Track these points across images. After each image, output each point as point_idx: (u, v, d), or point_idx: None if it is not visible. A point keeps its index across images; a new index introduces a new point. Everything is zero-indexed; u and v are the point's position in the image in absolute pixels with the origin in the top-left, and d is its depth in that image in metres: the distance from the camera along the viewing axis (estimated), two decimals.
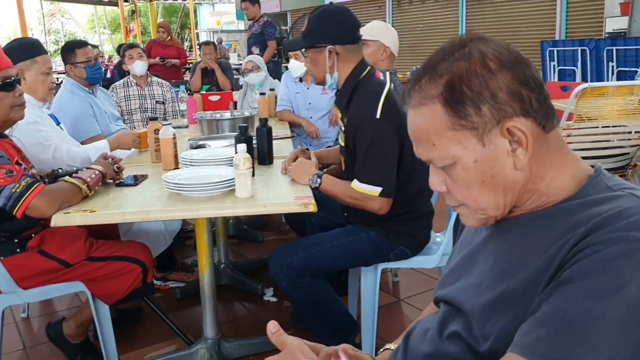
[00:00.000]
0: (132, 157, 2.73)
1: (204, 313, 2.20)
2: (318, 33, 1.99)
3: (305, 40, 2.03)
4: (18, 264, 1.92)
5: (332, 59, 1.98)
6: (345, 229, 2.11)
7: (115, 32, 29.47)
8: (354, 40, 2.02)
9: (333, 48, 1.97)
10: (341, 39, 1.98)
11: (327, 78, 2.02)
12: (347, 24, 2.02)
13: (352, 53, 2.01)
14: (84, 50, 3.31)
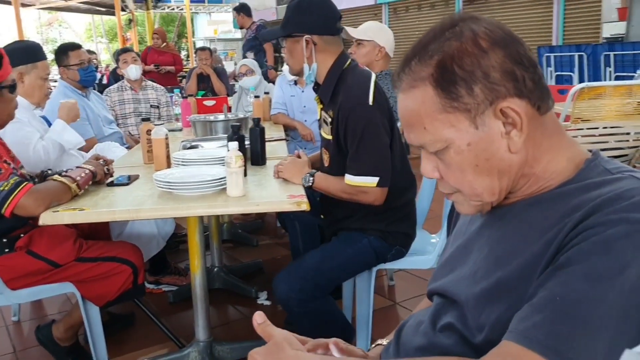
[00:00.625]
0: (124, 158, 2.70)
1: (196, 315, 2.17)
2: (295, 22, 1.95)
3: (282, 30, 1.99)
4: (6, 264, 1.89)
5: (309, 49, 1.93)
6: (345, 239, 2.03)
7: (112, 41, 29.50)
8: (332, 32, 1.96)
9: (310, 38, 1.92)
10: (318, 29, 1.93)
11: (305, 69, 1.97)
12: (325, 14, 1.96)
13: (330, 44, 1.96)
14: (77, 53, 3.30)
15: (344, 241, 2.03)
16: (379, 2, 10.76)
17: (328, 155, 2.06)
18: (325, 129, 2.05)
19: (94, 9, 22.95)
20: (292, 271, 1.94)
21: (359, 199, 1.89)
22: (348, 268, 2.02)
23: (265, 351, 0.80)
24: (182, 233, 3.73)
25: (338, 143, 1.95)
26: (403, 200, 2.03)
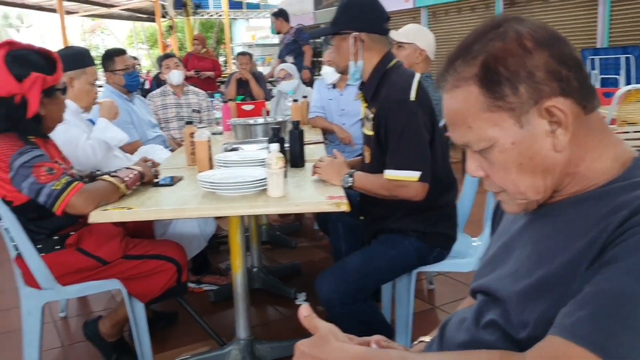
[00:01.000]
0: (168, 160, 2.77)
1: (237, 314, 2.21)
2: (344, 20, 2.00)
3: (331, 27, 2.04)
4: (57, 260, 1.96)
5: (356, 46, 1.98)
6: (386, 241, 2.04)
7: (152, 47, 30.16)
8: (380, 31, 2.01)
9: (358, 35, 1.97)
10: (367, 27, 1.98)
11: (351, 66, 2.01)
12: (374, 14, 2.01)
13: (377, 43, 2.00)
14: (122, 59, 3.40)
15: (385, 243, 2.04)
16: (418, 6, 10.69)
17: (369, 152, 2.08)
18: (367, 126, 2.08)
19: (135, 16, 23.52)
20: (335, 273, 1.95)
21: (399, 194, 1.89)
22: (390, 270, 2.03)
23: (311, 343, 0.81)
24: (222, 234, 3.80)
25: (379, 139, 1.97)
26: (443, 201, 2.03)
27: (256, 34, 21.49)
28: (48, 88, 1.91)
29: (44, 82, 1.87)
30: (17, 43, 1.94)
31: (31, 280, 1.99)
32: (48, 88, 1.91)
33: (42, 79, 1.86)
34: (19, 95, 1.84)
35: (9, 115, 1.85)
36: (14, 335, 2.57)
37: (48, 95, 1.93)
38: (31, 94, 1.85)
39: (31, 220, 1.91)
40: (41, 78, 1.86)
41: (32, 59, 1.89)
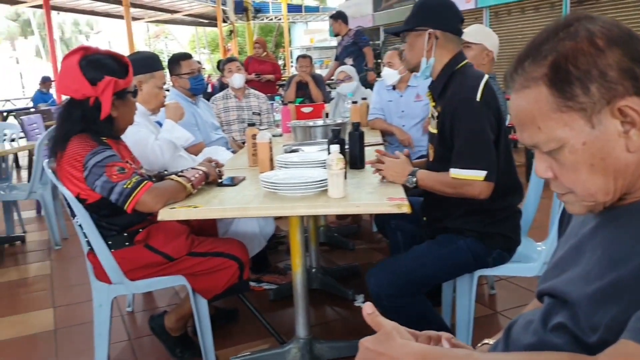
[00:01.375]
0: (231, 161, 2.84)
1: (297, 313, 2.24)
2: (420, 17, 2.04)
3: (405, 24, 2.08)
4: (126, 256, 2.05)
5: (430, 42, 2.01)
6: (440, 240, 2.04)
7: (214, 51, 30.90)
8: (454, 31, 2.03)
9: (433, 32, 2.00)
10: (442, 24, 2.01)
11: (422, 62, 2.04)
12: (450, 13, 2.05)
13: (451, 42, 2.02)
14: (188, 63, 3.51)
15: (438, 242, 2.04)
16: (480, 6, 10.49)
17: (433, 150, 2.10)
18: (432, 124, 2.09)
19: (197, 21, 24.17)
20: (385, 266, 2.00)
21: (464, 192, 1.89)
22: (440, 268, 2.01)
23: (375, 340, 0.82)
24: (281, 234, 3.85)
25: (443, 137, 1.98)
26: (505, 202, 2.01)
27: (315, 36, 21.66)
28: (120, 91, 2.01)
29: (116, 85, 1.96)
30: (91, 48, 2.04)
31: (102, 275, 2.09)
32: (120, 91, 2.01)
33: (115, 82, 1.95)
34: (93, 97, 1.94)
35: (83, 117, 1.95)
36: (86, 327, 2.70)
37: (120, 98, 2.02)
38: (104, 96, 1.94)
39: (103, 217, 2.01)
40: (113, 81, 1.95)
41: (106, 64, 1.99)
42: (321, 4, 27.64)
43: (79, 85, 1.93)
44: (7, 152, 4.29)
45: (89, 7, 18.67)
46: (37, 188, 4.00)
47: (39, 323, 2.83)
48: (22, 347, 2.60)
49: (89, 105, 1.95)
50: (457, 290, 2.14)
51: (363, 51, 6.51)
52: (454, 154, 1.91)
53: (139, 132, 2.61)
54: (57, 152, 1.94)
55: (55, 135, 1.98)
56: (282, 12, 23.23)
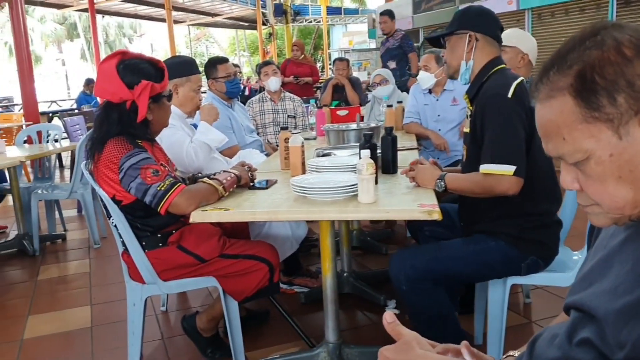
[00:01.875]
0: (264, 164, 2.86)
1: (326, 317, 2.24)
2: (461, 21, 2.09)
3: (447, 29, 2.13)
4: (160, 257, 2.09)
5: (470, 44, 2.05)
6: (471, 238, 2.04)
7: (253, 54, 31.24)
8: (494, 36, 2.06)
9: (473, 34, 2.04)
10: (482, 28, 2.05)
11: (462, 65, 2.07)
12: (490, 19, 2.09)
13: (489, 46, 2.05)
14: (224, 66, 3.55)
15: (468, 240, 2.05)
16: (522, 8, 10.30)
17: (466, 149, 2.11)
18: (466, 124, 2.11)
19: (237, 24, 24.51)
20: (411, 250, 2.07)
21: (492, 189, 1.88)
22: (467, 264, 1.99)
23: (395, 349, 0.82)
24: (313, 237, 3.86)
25: (475, 135, 1.99)
26: (542, 208, 1.98)
27: (354, 39, 21.65)
28: (155, 95, 2.05)
29: (152, 89, 2.01)
30: (129, 52, 2.09)
31: (136, 275, 2.13)
32: (155, 95, 2.05)
33: (151, 86, 2.00)
34: (130, 101, 1.99)
35: (120, 120, 2.00)
36: (122, 324, 2.75)
37: (155, 102, 2.07)
38: (140, 100, 1.99)
39: (137, 218, 2.06)
40: (150, 85, 1.99)
41: (143, 68, 2.03)
42: (361, 6, 27.60)
43: (117, 88, 1.98)
44: (50, 152, 4.43)
45: (132, 10, 19.15)
46: (78, 188, 4.11)
47: (76, 320, 2.91)
48: (59, 343, 2.68)
49: (125, 109, 2.00)
50: (489, 298, 2.10)
51: (408, 56, 6.44)
52: (484, 148, 1.91)
53: (174, 134, 2.66)
54: (95, 154, 1.99)
55: (93, 137, 2.03)
56: (321, 15, 23.33)
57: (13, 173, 4.08)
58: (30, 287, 3.45)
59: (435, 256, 1.99)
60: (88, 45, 30.35)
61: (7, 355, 2.56)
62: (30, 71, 8.51)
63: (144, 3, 17.46)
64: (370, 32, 17.53)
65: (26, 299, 3.24)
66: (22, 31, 8.44)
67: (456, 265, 1.99)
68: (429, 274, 1.95)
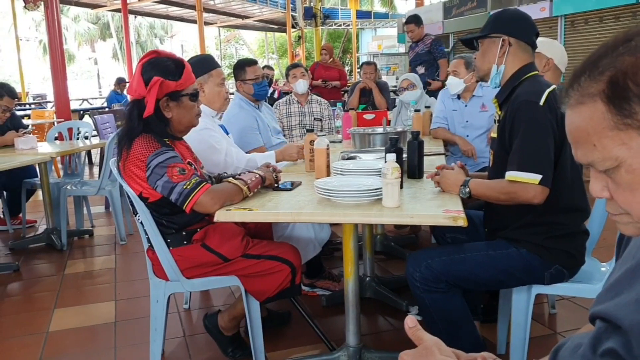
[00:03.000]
0: (289, 166, 2.87)
1: (347, 320, 2.23)
2: (495, 25, 2.07)
3: (480, 32, 2.11)
4: (184, 254, 2.11)
5: (503, 49, 2.02)
6: (492, 242, 2.02)
7: (282, 56, 31.39)
8: (529, 41, 2.03)
9: (507, 38, 2.01)
10: (517, 32, 2.03)
11: (493, 70, 2.05)
12: (525, 23, 2.06)
13: (523, 51, 2.02)
14: (253, 69, 3.57)
15: (489, 244, 2.03)
16: (555, 15, 10.15)
17: (493, 154, 2.09)
18: (494, 129, 2.10)
19: (267, 27, 24.67)
20: (427, 250, 2.07)
21: (517, 196, 1.85)
22: (485, 269, 1.96)
23: (415, 354, 0.81)
24: (336, 241, 3.85)
25: (502, 140, 1.97)
26: (569, 217, 1.94)
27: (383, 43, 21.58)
28: (172, 92, 2.04)
29: (162, 86, 1.99)
30: (162, 52, 2.11)
31: (160, 272, 2.16)
32: (172, 92, 2.04)
33: (161, 82, 1.98)
34: (146, 98, 2.00)
35: (139, 116, 2.01)
36: (145, 320, 2.79)
37: (174, 100, 2.06)
38: (149, 96, 1.98)
39: (163, 216, 2.08)
40: (159, 82, 1.98)
41: (162, 65, 2.04)
42: (390, 11, 27.53)
43: (137, 84, 2.01)
44: (80, 149, 4.52)
45: (164, 11, 19.45)
46: (106, 185, 4.18)
47: (101, 314, 2.96)
48: (84, 336, 2.72)
49: (144, 105, 2.01)
50: (512, 307, 2.07)
51: (438, 62, 6.33)
52: (511, 155, 1.88)
53: (212, 136, 2.69)
54: (123, 151, 2.02)
55: (121, 134, 2.06)
56: (351, 19, 23.34)
57: (44, 168, 4.17)
58: (57, 280, 3.52)
59: (452, 257, 1.97)
60: (120, 45, 30.89)
61: (33, 347, 2.61)
62: (64, 69, 8.69)
63: (176, 4, 17.71)
64: (399, 37, 17.46)
65: (53, 292, 3.30)
66: (56, 30, 8.62)
67: (473, 268, 1.97)
68: (444, 275, 1.94)
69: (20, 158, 3.80)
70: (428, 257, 1.99)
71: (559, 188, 1.86)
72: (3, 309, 3.10)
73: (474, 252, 1.99)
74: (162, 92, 2.01)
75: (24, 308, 3.12)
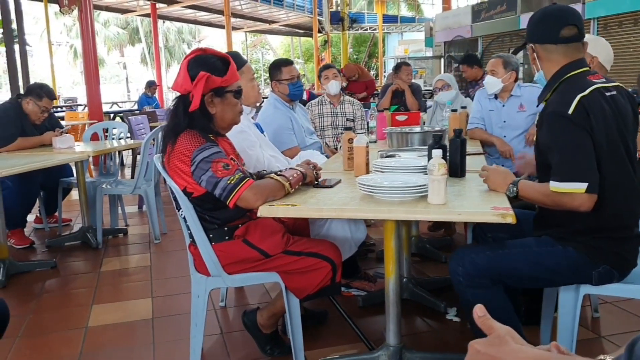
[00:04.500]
0: (326, 165, 2.86)
1: (388, 319, 2.20)
2: (527, 32, 2.06)
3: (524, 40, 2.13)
4: (226, 250, 2.11)
5: (533, 56, 2.03)
6: (538, 239, 1.98)
7: (308, 61, 31.49)
8: (553, 40, 1.95)
9: (532, 46, 2.02)
10: (538, 38, 2.00)
11: (536, 75, 2.04)
12: (549, 24, 1.97)
13: (552, 53, 1.96)
14: (289, 69, 3.58)
15: (535, 240, 1.99)
16: (588, 17, 10.00)
17: (536, 156, 2.06)
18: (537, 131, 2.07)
19: (293, 32, 24.79)
20: (472, 246, 2.06)
21: (563, 204, 1.81)
22: (529, 266, 1.93)
23: (487, 343, 0.79)
24: (371, 242, 3.83)
25: (539, 145, 1.96)
26: (621, 220, 1.88)
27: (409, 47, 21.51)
28: (217, 88, 2.06)
29: (208, 81, 2.01)
30: (208, 49, 2.13)
31: (201, 267, 2.16)
32: (217, 88, 2.06)
33: (207, 77, 2.00)
34: (192, 92, 2.01)
35: (185, 112, 2.03)
36: (182, 317, 2.81)
37: (218, 95, 2.07)
38: (195, 90, 2.00)
39: (206, 211, 2.08)
40: (206, 76, 2.00)
41: (208, 61, 2.06)
42: (417, 15, 27.42)
43: (183, 80, 2.02)
44: (116, 148, 4.58)
45: (192, 16, 19.68)
46: (142, 184, 4.22)
47: (138, 311, 2.98)
48: (122, 332, 2.74)
49: (189, 101, 2.03)
50: (559, 307, 2.02)
51: None
52: (553, 167, 1.84)
53: (246, 139, 2.70)
54: (168, 146, 2.03)
55: (166, 130, 2.07)
56: (377, 23, 23.32)
57: (80, 167, 4.23)
58: (94, 278, 3.56)
59: (497, 253, 1.95)
60: (148, 50, 31.35)
61: (74, 341, 2.64)
62: (96, 72, 8.83)
63: (204, 9, 17.90)
64: (427, 41, 17.37)
65: (90, 289, 3.34)
66: (90, 34, 8.77)
67: (517, 264, 1.93)
68: (488, 272, 1.92)
69: (58, 157, 3.86)
70: (472, 252, 1.98)
71: (607, 192, 1.81)
72: (43, 304, 3.14)
73: (519, 248, 1.96)
74: (207, 88, 2.02)
75: (63, 304, 3.16)
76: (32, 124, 4.35)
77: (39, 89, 4.32)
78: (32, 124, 4.35)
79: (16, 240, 4.24)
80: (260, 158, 2.73)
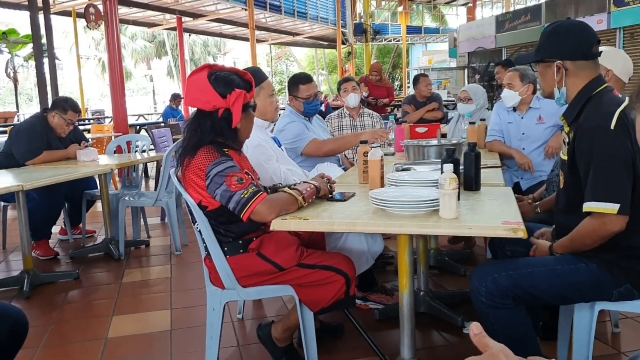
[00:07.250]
0: (342, 177, 2.87)
1: (402, 334, 2.19)
2: (547, 47, 2.00)
3: (534, 54, 2.05)
4: (240, 263, 2.14)
5: (560, 74, 1.96)
6: (560, 257, 1.95)
7: (332, 72, 31.62)
8: (585, 57, 1.94)
9: (561, 64, 1.95)
10: (570, 54, 1.95)
11: (555, 92, 2.01)
12: (579, 39, 1.95)
13: (583, 69, 1.95)
14: (307, 87, 3.58)
15: (557, 259, 1.96)
16: (613, 27, 9.87)
17: (564, 176, 2.02)
18: (563, 150, 2.03)
19: (317, 43, 24.92)
20: (494, 264, 2.02)
21: (598, 235, 1.80)
22: (552, 285, 1.90)
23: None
24: (389, 255, 3.82)
25: (573, 164, 1.91)
26: None
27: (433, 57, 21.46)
28: (246, 103, 2.12)
29: (245, 98, 2.10)
30: (215, 65, 2.18)
31: (216, 280, 2.19)
32: (246, 103, 2.12)
33: (244, 94, 2.09)
34: (223, 109, 2.07)
35: (213, 127, 2.08)
36: (200, 329, 2.84)
37: (244, 111, 2.13)
38: (235, 107, 2.08)
39: (221, 224, 2.12)
40: (243, 94, 2.09)
41: (234, 79, 2.13)
42: (441, 26, 27.36)
43: (210, 97, 2.06)
44: (139, 161, 4.66)
45: (217, 29, 19.94)
46: (163, 196, 4.29)
47: (157, 322, 3.02)
48: (141, 343, 2.78)
49: (217, 117, 2.08)
50: (574, 323, 1.99)
51: None
52: (588, 185, 1.81)
53: (263, 153, 2.73)
54: (185, 160, 2.08)
55: (185, 145, 2.12)
56: (401, 34, 23.33)
57: (104, 180, 4.32)
58: (115, 289, 3.62)
59: (519, 272, 1.91)
60: (175, 62, 31.84)
61: (93, 352, 2.69)
62: (122, 85, 9.02)
63: (229, 22, 18.14)
64: (450, 51, 17.32)
65: (111, 300, 3.40)
66: (116, 48, 8.98)
67: (540, 283, 1.90)
68: (511, 291, 1.88)
69: (82, 169, 3.95)
70: (494, 271, 1.93)
71: (634, 210, 1.78)
72: (65, 315, 3.21)
73: (541, 267, 1.92)
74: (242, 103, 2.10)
75: (84, 314, 3.22)
76: (58, 137, 4.46)
77: (63, 102, 4.43)
78: (58, 137, 4.46)
79: (41, 251, 4.34)
80: (277, 171, 2.77)
